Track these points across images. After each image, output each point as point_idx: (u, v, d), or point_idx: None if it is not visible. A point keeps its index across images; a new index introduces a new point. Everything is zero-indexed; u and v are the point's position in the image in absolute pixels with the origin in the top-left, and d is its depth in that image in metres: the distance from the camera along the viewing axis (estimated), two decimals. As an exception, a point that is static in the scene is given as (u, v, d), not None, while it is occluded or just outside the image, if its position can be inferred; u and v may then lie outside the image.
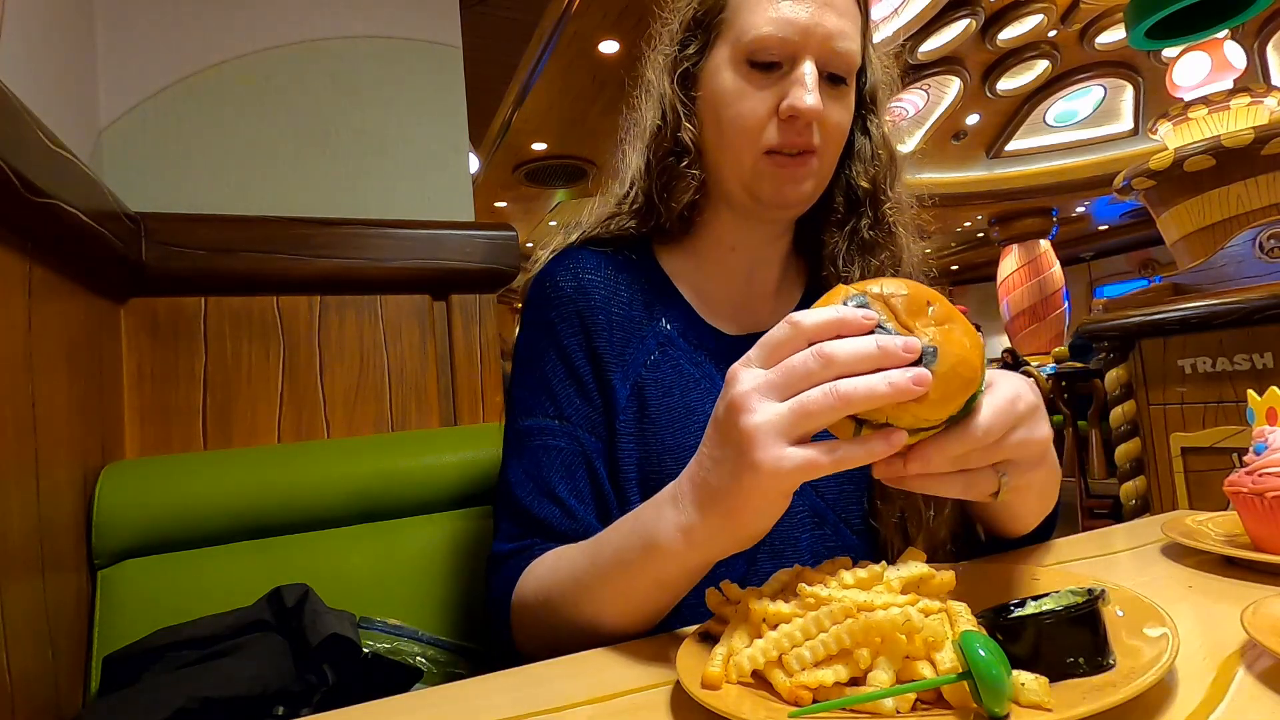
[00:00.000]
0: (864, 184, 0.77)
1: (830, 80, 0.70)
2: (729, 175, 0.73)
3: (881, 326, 0.45)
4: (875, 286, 0.47)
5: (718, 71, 0.71)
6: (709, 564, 0.54)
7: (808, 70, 0.67)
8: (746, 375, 0.47)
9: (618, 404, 0.72)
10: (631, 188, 0.79)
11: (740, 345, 0.75)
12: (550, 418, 0.72)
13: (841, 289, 0.48)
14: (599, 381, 0.73)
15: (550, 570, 0.64)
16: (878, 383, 0.42)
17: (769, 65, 0.69)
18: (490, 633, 0.69)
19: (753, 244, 0.78)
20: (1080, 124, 8.70)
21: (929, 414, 0.44)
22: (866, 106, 0.78)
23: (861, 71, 0.76)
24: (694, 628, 0.52)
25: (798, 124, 0.68)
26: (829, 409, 0.43)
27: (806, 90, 0.66)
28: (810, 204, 0.75)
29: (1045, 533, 0.73)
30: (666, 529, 0.53)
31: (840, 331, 0.45)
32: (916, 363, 0.44)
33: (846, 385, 0.43)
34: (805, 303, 0.80)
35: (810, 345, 0.45)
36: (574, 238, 0.80)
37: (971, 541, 0.75)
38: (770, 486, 0.46)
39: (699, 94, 0.73)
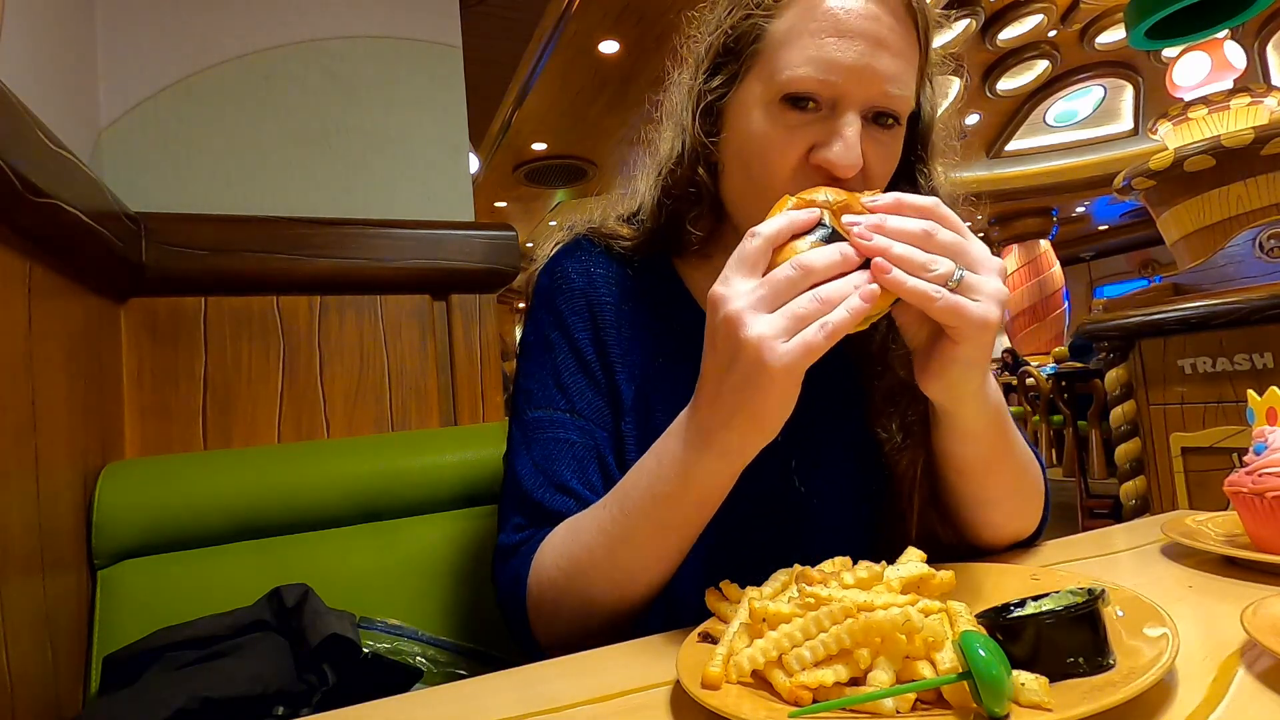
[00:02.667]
0: None
1: (876, 122, 0.62)
2: (751, 225, 0.68)
3: (822, 224, 0.54)
4: (819, 195, 0.56)
5: (746, 110, 0.64)
6: (744, 466, 0.57)
7: (849, 124, 0.60)
8: (733, 293, 0.52)
9: (624, 405, 0.70)
10: (639, 213, 0.76)
11: None
12: (561, 410, 0.69)
13: (786, 199, 0.56)
14: (608, 379, 0.71)
15: (569, 540, 0.62)
16: (851, 295, 0.50)
17: (805, 105, 0.61)
18: (507, 626, 0.68)
19: None
20: (1080, 124, 8.69)
21: (882, 303, 0.53)
22: (917, 153, 0.70)
23: (915, 112, 0.68)
24: (694, 628, 0.52)
25: (828, 175, 0.61)
26: (816, 312, 0.50)
27: (847, 148, 0.59)
28: None
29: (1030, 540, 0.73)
30: (698, 453, 0.56)
31: (793, 230, 0.53)
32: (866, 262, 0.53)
33: (827, 292, 0.50)
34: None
35: (772, 249, 0.52)
36: (580, 230, 0.77)
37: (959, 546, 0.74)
38: (785, 381, 0.50)
39: (723, 134, 0.66)
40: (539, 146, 7.34)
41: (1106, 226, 13.21)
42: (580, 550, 0.61)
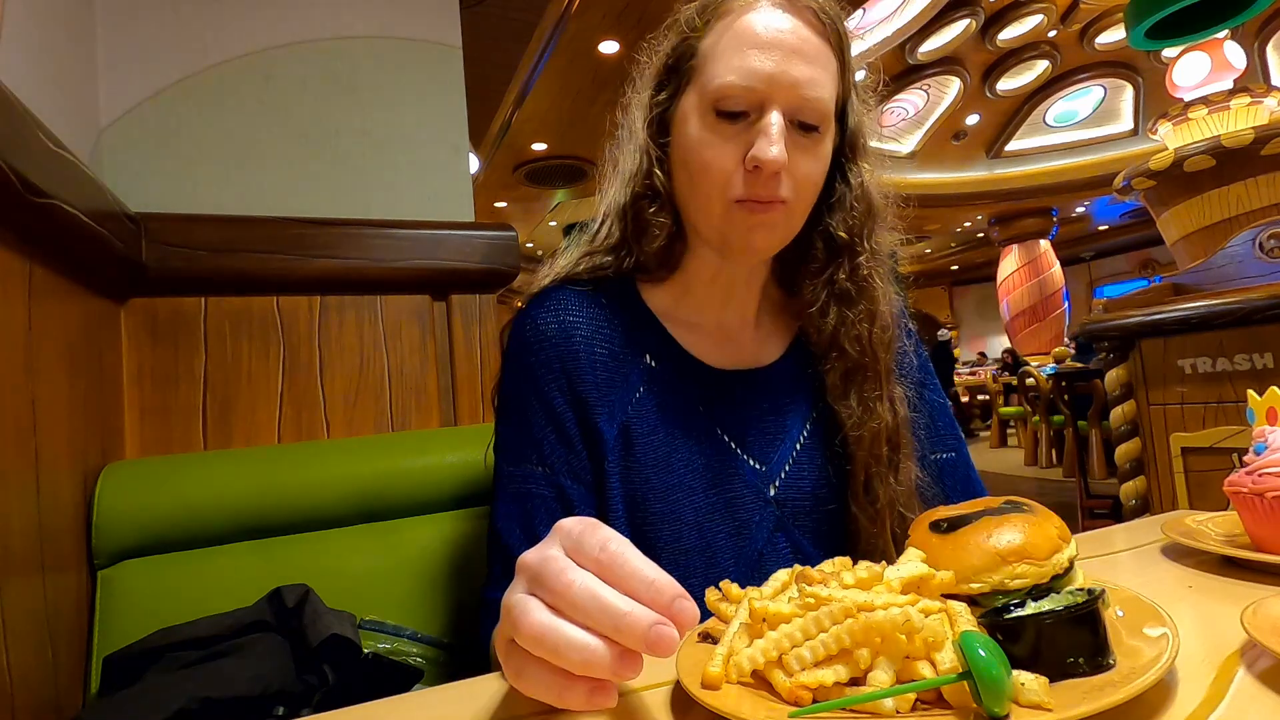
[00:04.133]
0: (841, 234, 0.76)
1: (801, 129, 0.68)
2: (700, 221, 0.72)
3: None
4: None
5: (686, 119, 0.70)
6: None
7: (773, 121, 0.65)
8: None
9: (606, 445, 0.72)
10: (604, 224, 0.79)
11: (723, 379, 0.77)
12: (533, 465, 0.71)
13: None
14: (584, 426, 0.72)
15: None
16: (571, 652, 0.40)
17: (736, 114, 0.67)
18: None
19: (730, 278, 0.78)
20: (1080, 124, 8.71)
21: None
22: (846, 154, 0.76)
23: (843, 116, 0.74)
24: (694, 628, 0.52)
25: (763, 175, 0.66)
26: (518, 631, 0.41)
27: (771, 142, 0.65)
28: (780, 248, 0.74)
29: None
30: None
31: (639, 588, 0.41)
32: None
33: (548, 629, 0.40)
34: (797, 346, 0.81)
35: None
36: (547, 280, 0.79)
37: None
38: None
39: (670, 140, 0.73)
40: (539, 146, 7.34)
41: (1106, 226, 13.22)
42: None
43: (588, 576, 0.41)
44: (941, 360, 9.13)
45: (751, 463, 0.74)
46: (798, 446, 0.76)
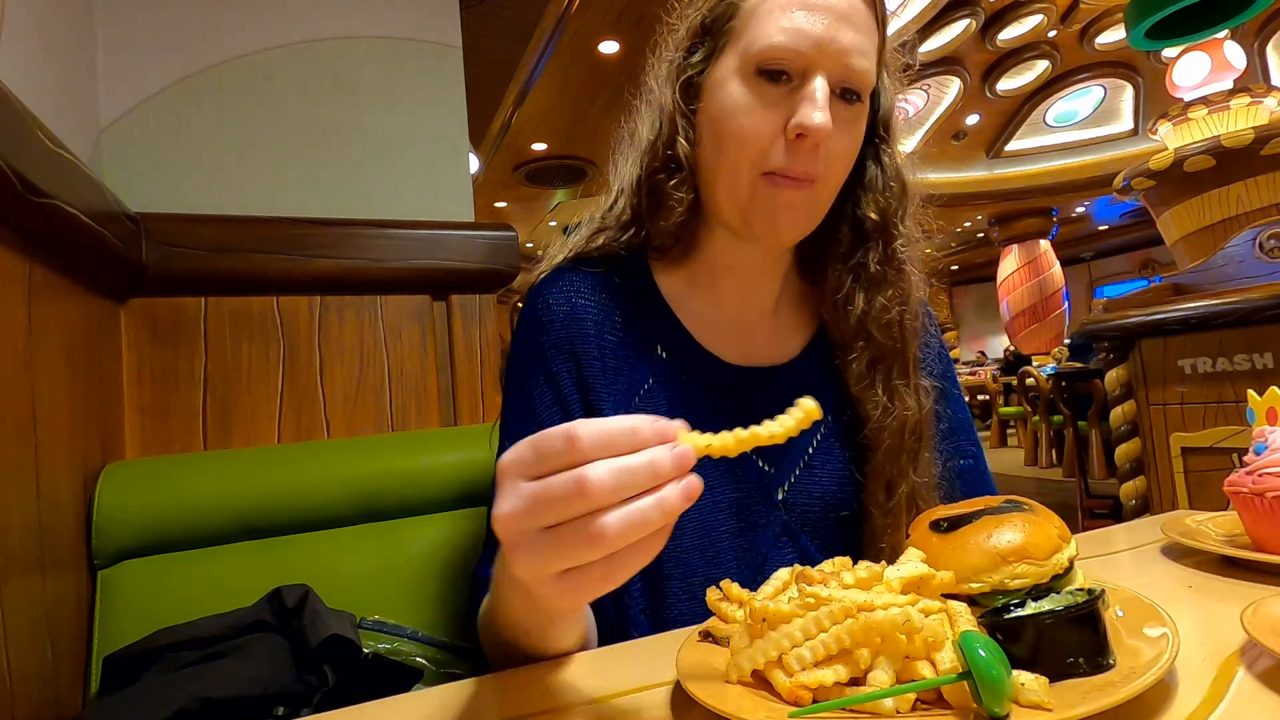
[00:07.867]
0: (873, 216, 0.72)
1: (843, 98, 0.65)
2: (723, 197, 0.69)
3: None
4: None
5: (723, 82, 0.67)
6: (554, 618, 0.53)
7: (819, 86, 0.62)
8: (509, 496, 0.41)
9: None
10: (618, 200, 0.76)
11: (735, 376, 0.74)
12: None
13: None
14: (589, 411, 0.71)
15: (483, 611, 0.65)
16: (649, 510, 0.38)
17: (778, 78, 0.64)
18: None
19: (749, 265, 0.75)
20: (1080, 124, 8.70)
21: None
22: (879, 134, 0.73)
23: (875, 96, 0.71)
24: (694, 627, 0.52)
25: (804, 145, 0.63)
26: (590, 551, 0.38)
27: (816, 107, 0.61)
28: (805, 235, 0.71)
29: None
30: (506, 597, 0.53)
31: (629, 447, 0.39)
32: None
33: (612, 527, 0.37)
34: (817, 343, 0.78)
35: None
36: (560, 258, 0.76)
37: None
38: (555, 613, 0.47)
39: (700, 105, 0.69)
40: (539, 146, 7.35)
41: (1106, 226, 13.22)
42: (484, 631, 0.64)
43: (592, 467, 0.37)
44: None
45: (760, 464, 0.73)
46: (810, 450, 0.74)
